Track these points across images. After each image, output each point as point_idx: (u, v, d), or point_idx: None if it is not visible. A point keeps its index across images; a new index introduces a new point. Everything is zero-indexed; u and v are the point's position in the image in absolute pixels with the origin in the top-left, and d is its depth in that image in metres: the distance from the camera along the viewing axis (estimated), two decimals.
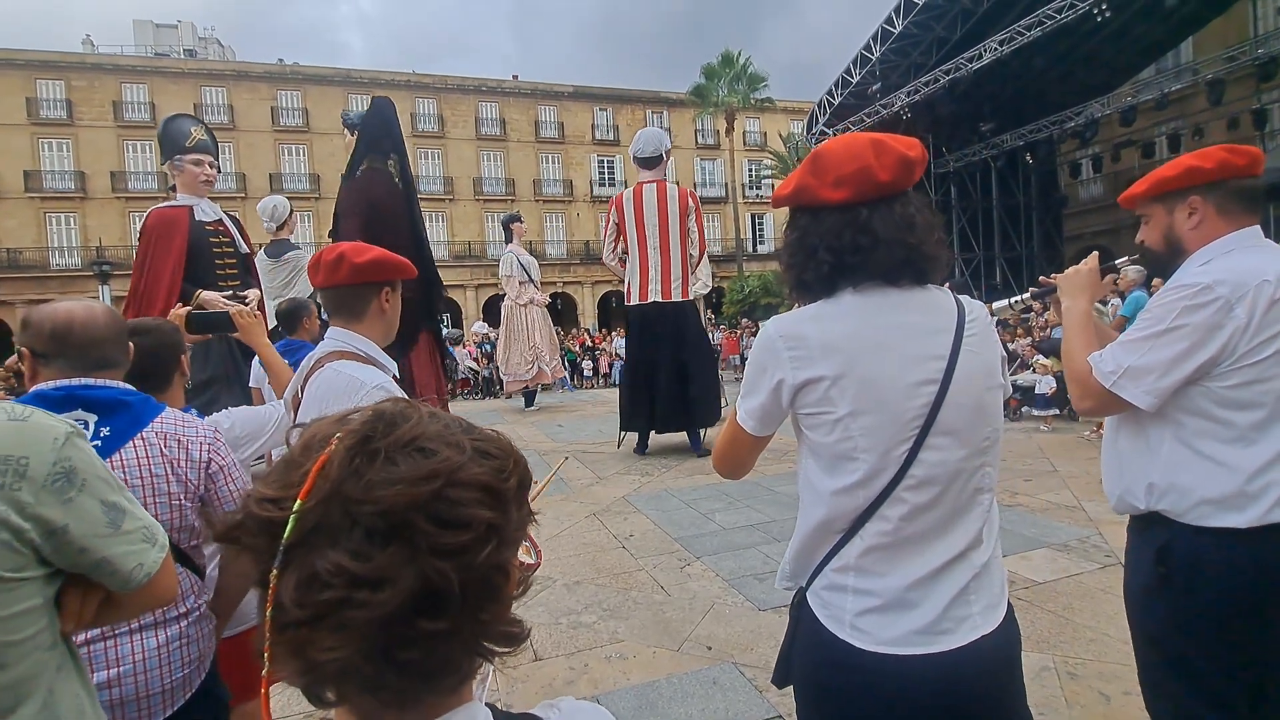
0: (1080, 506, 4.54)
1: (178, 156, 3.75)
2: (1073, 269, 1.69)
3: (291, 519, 0.49)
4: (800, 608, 1.17)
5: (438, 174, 32.13)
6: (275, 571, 0.49)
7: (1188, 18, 17.26)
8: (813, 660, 1.13)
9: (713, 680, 2.59)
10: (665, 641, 2.93)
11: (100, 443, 1.35)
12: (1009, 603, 1.15)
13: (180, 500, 1.44)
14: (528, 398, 10.63)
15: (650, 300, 6.57)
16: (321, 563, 0.48)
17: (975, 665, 1.05)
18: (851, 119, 18.41)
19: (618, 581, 3.61)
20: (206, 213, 3.84)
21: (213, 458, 1.52)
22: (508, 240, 10.27)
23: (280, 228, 5.80)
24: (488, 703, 0.60)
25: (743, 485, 5.29)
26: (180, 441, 1.47)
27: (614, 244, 6.75)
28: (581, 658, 2.83)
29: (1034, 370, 8.26)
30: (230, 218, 4.05)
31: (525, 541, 0.62)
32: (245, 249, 4.05)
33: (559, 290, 31.12)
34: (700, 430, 6.76)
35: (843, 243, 1.10)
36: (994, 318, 1.35)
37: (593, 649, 2.89)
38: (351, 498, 0.49)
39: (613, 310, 32.63)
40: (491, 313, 30.33)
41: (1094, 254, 1.72)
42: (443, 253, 30.36)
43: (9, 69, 26.88)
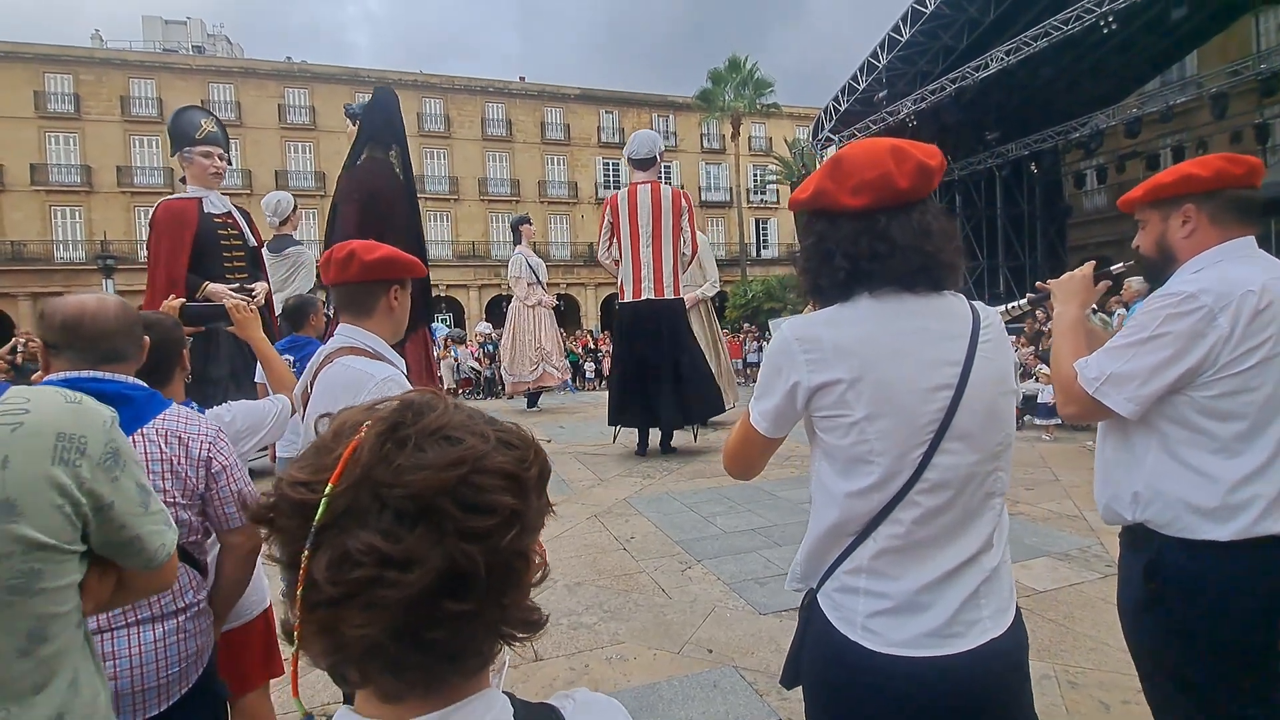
0: (1082, 516, 4.54)
1: (187, 148, 3.75)
2: (1067, 275, 1.69)
3: (323, 502, 0.51)
4: (810, 609, 1.17)
5: (443, 174, 32.18)
6: (307, 552, 0.51)
7: (1192, 32, 17.29)
8: (823, 661, 1.14)
9: (713, 683, 2.59)
10: (666, 644, 2.93)
11: None
12: (1017, 607, 1.15)
13: (176, 498, 1.44)
14: (530, 399, 10.60)
15: (643, 298, 6.71)
16: (353, 543, 0.50)
17: (985, 668, 1.06)
18: (857, 126, 18.43)
19: (619, 583, 3.61)
20: (216, 205, 3.83)
21: (213, 455, 1.52)
22: (516, 242, 10.26)
23: (283, 223, 5.83)
24: (504, 690, 0.62)
25: (744, 489, 5.29)
26: (180, 438, 1.47)
27: (608, 243, 6.90)
28: (582, 658, 2.83)
29: (1037, 379, 8.26)
30: (240, 211, 4.04)
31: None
32: (254, 242, 4.04)
33: (562, 292, 31.13)
34: (673, 430, 6.85)
35: (860, 249, 1.10)
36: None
37: (593, 650, 2.89)
38: (381, 482, 0.51)
39: (615, 312, 32.66)
40: (494, 313, 30.35)
41: (1090, 262, 1.72)
42: (447, 252, 30.43)
43: (17, 62, 27.01)
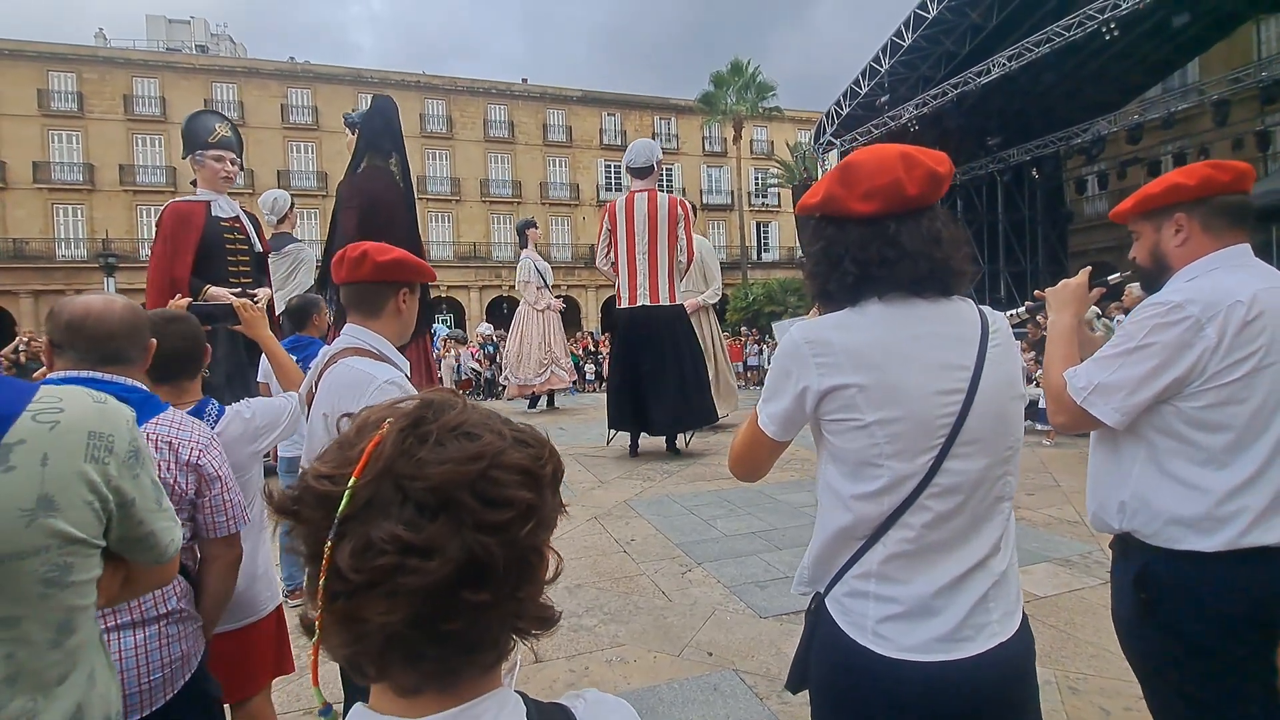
0: (1082, 521, 4.53)
1: (199, 151, 3.76)
2: (1061, 283, 1.69)
3: (346, 493, 0.53)
4: (818, 613, 1.17)
5: (445, 175, 32.22)
6: (330, 542, 0.52)
7: (1193, 39, 17.34)
8: (831, 666, 1.13)
9: (713, 686, 2.59)
10: (666, 646, 2.93)
11: None
12: (1024, 612, 1.16)
13: None
14: (531, 400, 10.57)
15: (639, 304, 6.83)
16: (376, 532, 0.52)
17: (995, 672, 1.06)
18: (859, 130, 18.45)
19: (619, 586, 3.61)
20: (224, 209, 3.84)
21: (204, 462, 1.50)
22: (522, 245, 10.24)
23: (281, 220, 5.84)
24: (516, 690, 0.63)
25: (745, 493, 5.29)
26: (171, 444, 1.47)
27: (606, 249, 7.05)
28: (582, 660, 2.83)
29: (1037, 384, 8.25)
30: (248, 216, 4.04)
31: None
32: (260, 247, 4.04)
33: (563, 293, 31.07)
34: (679, 433, 6.94)
35: (870, 254, 1.10)
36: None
37: (593, 652, 2.89)
38: (403, 475, 0.53)
39: (613, 317, 32.66)
40: (495, 314, 30.37)
41: (1085, 269, 1.72)
42: (448, 253, 30.44)
43: (21, 60, 27.06)
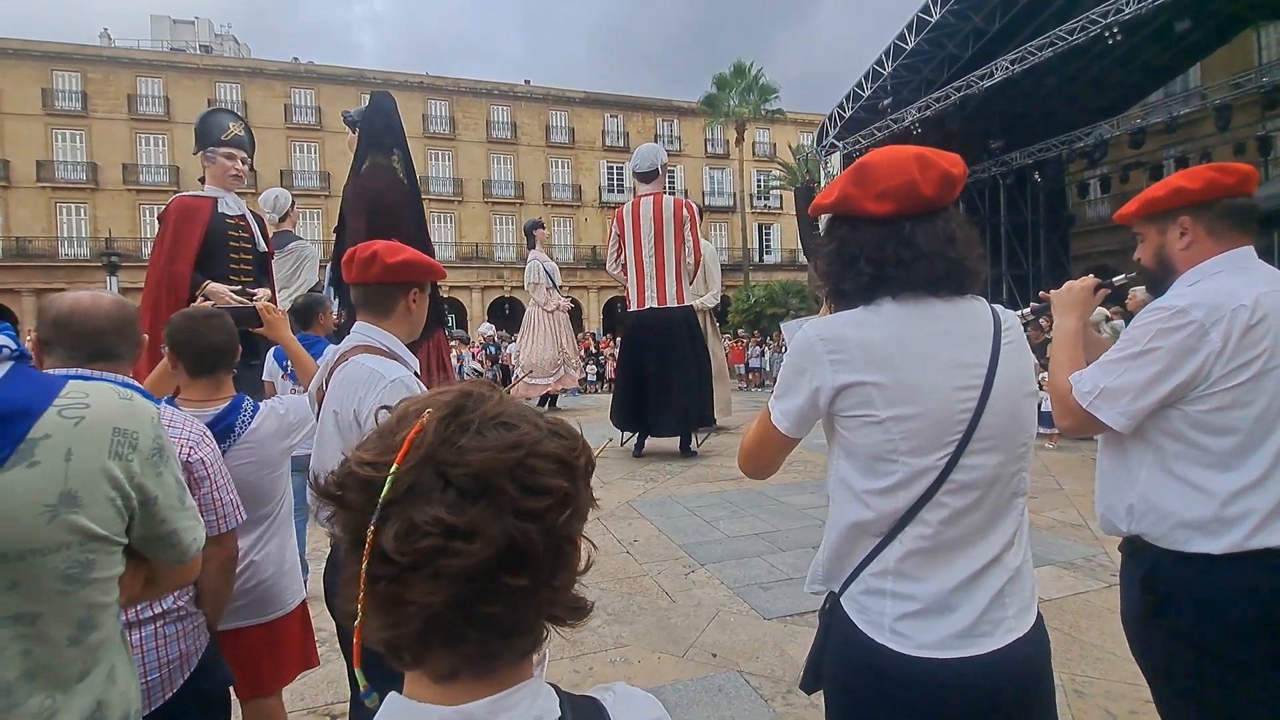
0: (1086, 525, 4.53)
1: (210, 148, 3.76)
2: (1065, 286, 1.69)
3: (389, 478, 0.54)
4: (833, 613, 1.16)
5: (447, 175, 32.25)
6: (373, 526, 0.54)
7: (1195, 45, 17.36)
8: (848, 665, 1.13)
9: (718, 688, 2.59)
10: (669, 647, 2.92)
11: None
12: (1038, 609, 1.16)
13: None
14: (539, 401, 10.60)
15: (647, 306, 6.96)
16: (419, 516, 0.53)
17: (1012, 668, 1.06)
18: (862, 133, 18.48)
19: (622, 586, 3.60)
20: (231, 207, 3.82)
21: (194, 460, 1.47)
22: (530, 246, 10.26)
23: (282, 219, 5.84)
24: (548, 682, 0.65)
25: (747, 494, 5.29)
26: None
27: (616, 254, 7.20)
28: (586, 660, 2.82)
29: (1041, 387, 8.23)
30: (254, 216, 4.03)
31: None
32: (264, 248, 4.02)
33: (565, 294, 31.14)
34: (691, 433, 7.06)
35: (885, 254, 1.11)
36: None
37: (597, 653, 2.89)
38: (445, 461, 0.55)
39: (617, 316, 32.66)
40: (497, 314, 30.38)
41: (1090, 275, 1.73)
42: (450, 254, 30.43)
43: (26, 60, 27.11)
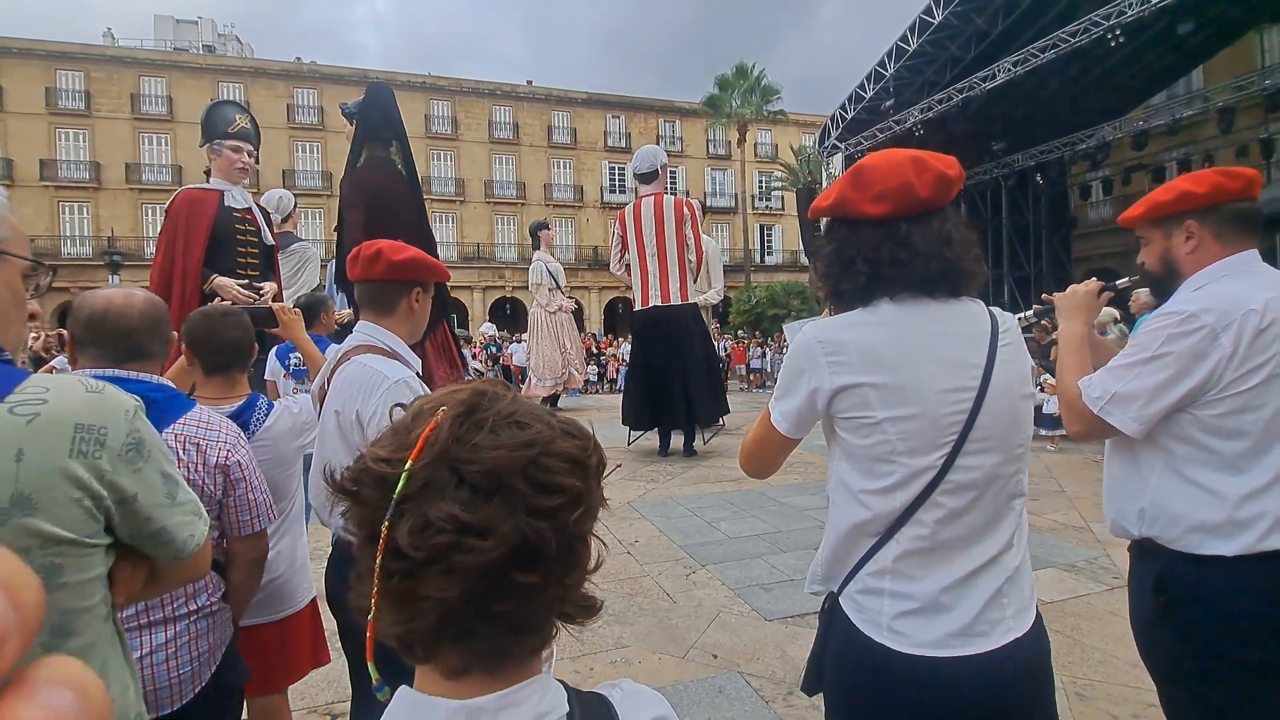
0: (1088, 527, 4.52)
1: (217, 141, 3.74)
2: (1070, 289, 1.70)
3: (403, 475, 0.55)
4: (832, 612, 1.17)
5: (449, 176, 32.26)
6: (387, 522, 0.55)
7: (1198, 47, 17.34)
8: (847, 663, 1.14)
9: (718, 689, 2.59)
10: (670, 648, 2.92)
11: None
12: (1037, 610, 1.16)
13: None
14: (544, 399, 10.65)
15: (651, 305, 7.05)
16: (434, 512, 0.54)
17: (1011, 668, 1.07)
18: (864, 134, 18.47)
19: (622, 587, 3.60)
20: (237, 200, 3.79)
21: (231, 462, 1.51)
22: (535, 247, 10.30)
23: (285, 220, 5.85)
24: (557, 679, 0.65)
25: (748, 495, 5.29)
26: (199, 446, 1.47)
27: (619, 255, 7.32)
28: (586, 661, 2.82)
29: (1042, 389, 8.24)
30: (260, 209, 4.01)
31: None
32: (270, 241, 4.00)
33: (567, 295, 31.16)
34: (695, 432, 7.16)
35: (881, 255, 1.12)
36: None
37: (597, 653, 2.89)
38: (459, 459, 0.56)
39: (619, 316, 32.69)
40: (498, 314, 30.40)
41: (1093, 278, 1.73)
42: (452, 254, 30.45)
43: (30, 59, 27.16)
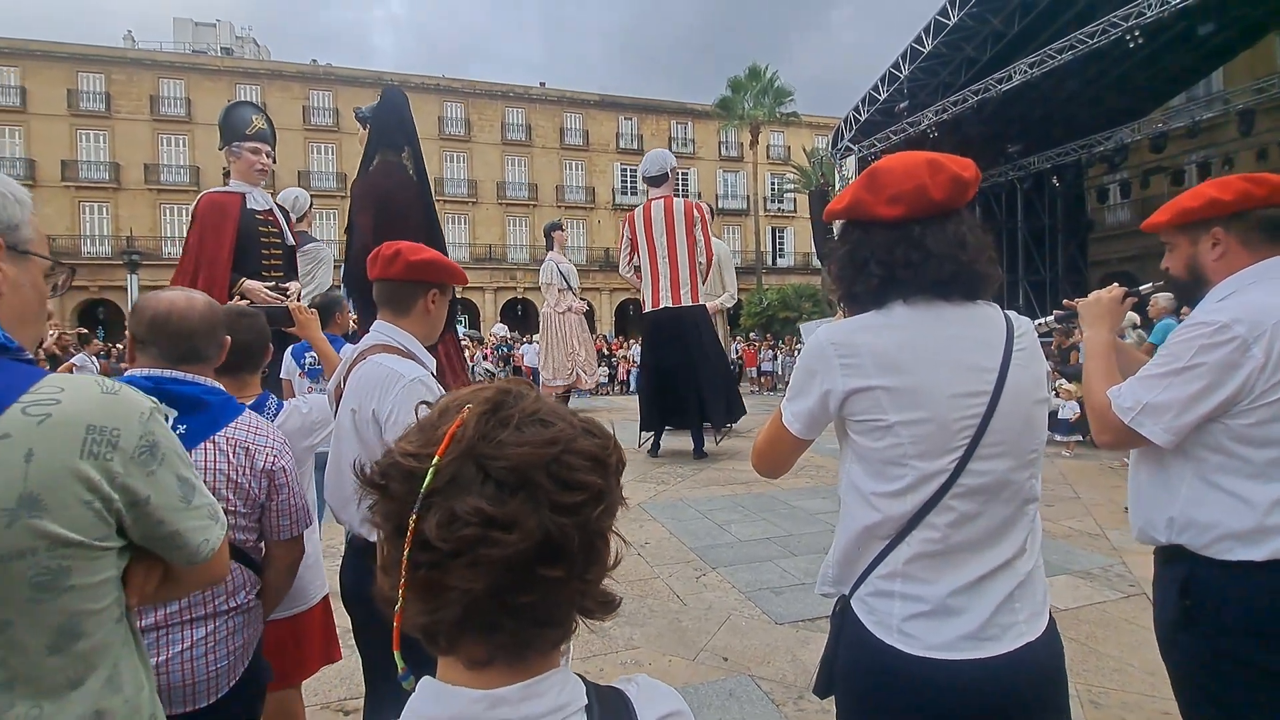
0: (1104, 534, 4.48)
1: (236, 143, 3.76)
2: (1094, 295, 1.68)
3: (430, 470, 0.57)
4: (844, 615, 1.17)
5: (462, 177, 32.43)
6: (415, 515, 0.56)
7: (1218, 48, 17.06)
8: (858, 666, 1.13)
9: (729, 692, 2.58)
10: (681, 651, 2.92)
11: None
12: (1051, 616, 1.15)
13: (236, 507, 1.47)
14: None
15: (662, 306, 7.11)
16: (460, 506, 0.56)
17: (1024, 671, 1.06)
18: (878, 136, 18.35)
19: (634, 589, 3.60)
20: (258, 201, 3.82)
21: (277, 468, 1.53)
22: (549, 247, 10.45)
23: (300, 220, 5.91)
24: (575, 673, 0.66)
25: (759, 498, 5.28)
26: (248, 450, 1.49)
27: (628, 257, 7.37)
28: (597, 662, 2.83)
29: (1057, 394, 8.16)
30: (280, 209, 4.04)
31: None
32: (291, 241, 4.03)
33: (579, 296, 31.21)
34: (704, 436, 7.19)
35: (895, 257, 1.12)
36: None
37: (607, 655, 2.89)
38: (485, 454, 0.57)
39: (629, 318, 32.68)
40: (509, 315, 30.49)
41: (1115, 284, 1.72)
42: (464, 255, 30.60)
43: (52, 61, 27.62)
